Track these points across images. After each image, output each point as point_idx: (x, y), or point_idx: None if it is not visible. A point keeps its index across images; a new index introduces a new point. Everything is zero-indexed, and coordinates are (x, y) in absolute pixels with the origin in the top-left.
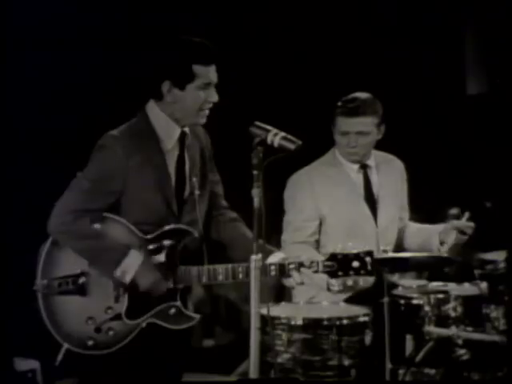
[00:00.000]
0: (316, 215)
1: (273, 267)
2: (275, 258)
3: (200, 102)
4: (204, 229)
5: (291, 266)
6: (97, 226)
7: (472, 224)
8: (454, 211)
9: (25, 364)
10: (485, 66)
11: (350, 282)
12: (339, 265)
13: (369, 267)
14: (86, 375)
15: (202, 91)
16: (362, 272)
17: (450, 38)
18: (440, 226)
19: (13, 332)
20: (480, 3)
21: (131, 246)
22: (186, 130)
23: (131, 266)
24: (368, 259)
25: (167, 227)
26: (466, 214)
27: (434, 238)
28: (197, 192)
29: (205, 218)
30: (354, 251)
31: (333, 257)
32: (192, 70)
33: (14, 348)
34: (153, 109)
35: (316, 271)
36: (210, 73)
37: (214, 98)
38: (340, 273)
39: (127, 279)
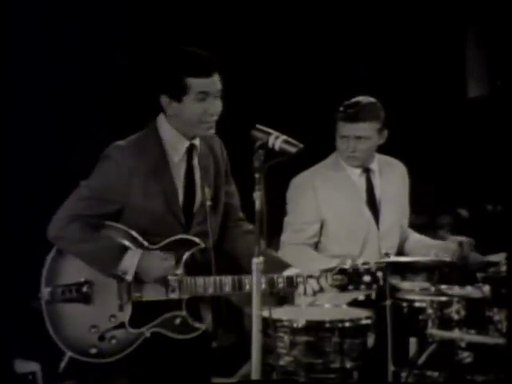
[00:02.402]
0: (317, 218)
1: (280, 279)
2: (289, 272)
3: (199, 114)
4: (217, 240)
5: (299, 280)
6: (96, 230)
7: (473, 241)
8: (444, 220)
9: (25, 366)
10: (486, 69)
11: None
12: (349, 279)
13: (381, 282)
14: (87, 378)
15: (200, 103)
16: (374, 286)
17: (451, 40)
18: (438, 243)
19: (13, 334)
20: (481, 5)
21: None
22: (196, 142)
23: (131, 263)
24: (379, 274)
25: (173, 237)
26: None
27: (430, 255)
28: (208, 203)
29: (219, 230)
30: (365, 266)
31: (342, 271)
32: (185, 83)
33: (15, 350)
34: (162, 121)
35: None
36: (207, 84)
37: (215, 109)
38: (350, 287)
39: (129, 277)
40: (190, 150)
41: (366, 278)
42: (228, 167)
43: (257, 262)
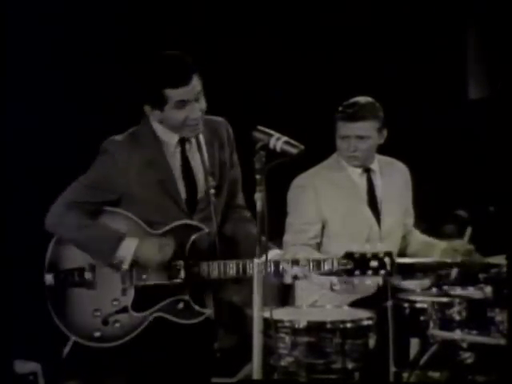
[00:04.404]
0: (318, 218)
1: (285, 263)
2: (270, 255)
3: (181, 120)
4: (220, 226)
5: (303, 263)
6: (95, 217)
7: (472, 248)
8: (448, 230)
9: (26, 367)
10: (486, 70)
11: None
12: (356, 264)
13: (388, 267)
14: (89, 378)
15: (180, 110)
16: (382, 272)
17: (452, 41)
18: (443, 244)
19: (14, 334)
20: (482, 6)
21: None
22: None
23: (127, 252)
24: (387, 260)
25: (177, 223)
26: (469, 230)
27: (436, 256)
28: (212, 191)
29: (221, 216)
30: (373, 251)
31: (349, 255)
32: (164, 94)
33: (15, 350)
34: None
35: (330, 269)
36: (185, 92)
37: (196, 114)
38: (357, 272)
39: (125, 266)
40: (182, 143)
41: (373, 264)
42: (233, 149)
43: (258, 262)
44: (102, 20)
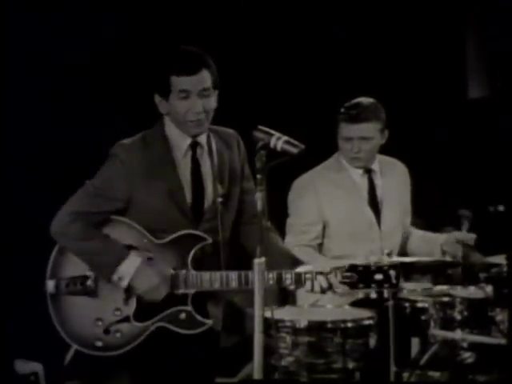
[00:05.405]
0: (319, 219)
1: (288, 275)
2: (302, 269)
3: (182, 113)
4: (231, 236)
5: (307, 276)
6: (99, 228)
7: (473, 236)
8: (464, 213)
9: (27, 367)
10: (486, 70)
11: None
12: (360, 276)
13: (393, 281)
14: (90, 378)
15: (183, 101)
16: (386, 285)
17: (452, 41)
18: (443, 237)
19: (14, 333)
20: (482, 6)
21: (139, 248)
22: (200, 139)
23: (127, 271)
24: (392, 272)
25: (180, 232)
26: (466, 225)
27: (437, 249)
28: (219, 200)
29: (233, 225)
30: (377, 264)
31: (352, 268)
32: (169, 81)
33: (16, 350)
34: (167, 119)
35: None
36: (189, 82)
37: (197, 108)
38: (361, 285)
39: (124, 284)
40: (194, 146)
41: (378, 277)
42: (245, 163)
43: (258, 262)
44: (117, 20)
